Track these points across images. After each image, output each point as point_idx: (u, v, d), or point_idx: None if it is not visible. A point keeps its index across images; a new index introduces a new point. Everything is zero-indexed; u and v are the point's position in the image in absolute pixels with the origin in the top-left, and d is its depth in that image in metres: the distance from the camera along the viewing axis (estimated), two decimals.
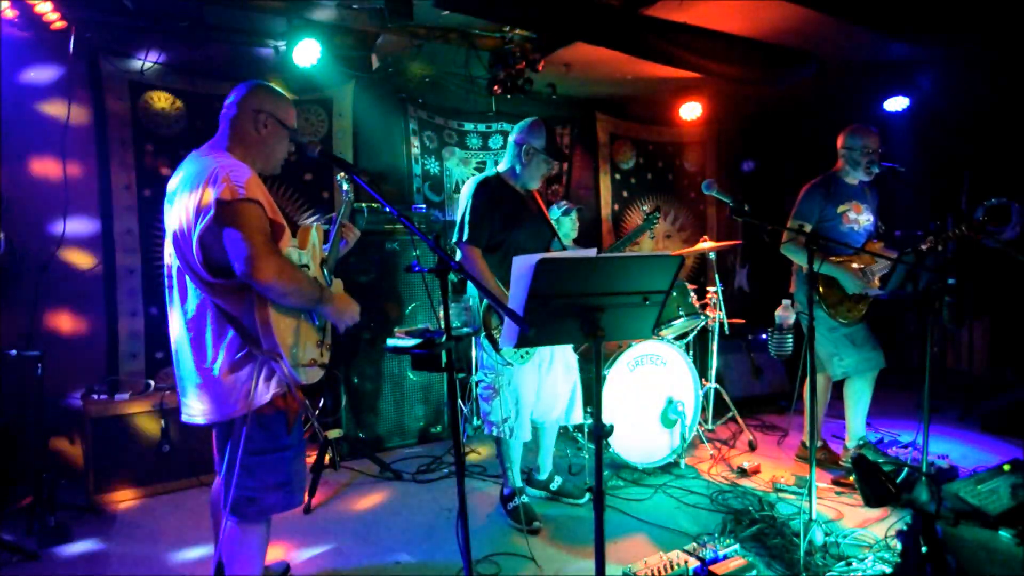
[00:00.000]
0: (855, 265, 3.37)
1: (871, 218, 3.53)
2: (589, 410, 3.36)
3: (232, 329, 1.89)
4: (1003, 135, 5.04)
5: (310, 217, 4.59)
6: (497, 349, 2.89)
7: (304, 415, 2.07)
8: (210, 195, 1.80)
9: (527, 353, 2.93)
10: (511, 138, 3.02)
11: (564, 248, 3.22)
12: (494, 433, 3.04)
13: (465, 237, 2.87)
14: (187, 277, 1.92)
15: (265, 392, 1.93)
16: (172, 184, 1.97)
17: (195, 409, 1.98)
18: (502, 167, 3.06)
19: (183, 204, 1.87)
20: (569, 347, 3.16)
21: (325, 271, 2.23)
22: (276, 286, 1.80)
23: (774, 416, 4.80)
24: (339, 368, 4.00)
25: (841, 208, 3.46)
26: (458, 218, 2.96)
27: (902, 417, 4.61)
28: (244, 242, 1.77)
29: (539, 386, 3.04)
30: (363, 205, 4.10)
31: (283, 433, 2.00)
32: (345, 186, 2.48)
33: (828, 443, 3.86)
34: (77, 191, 3.82)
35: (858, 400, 3.54)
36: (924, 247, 3.28)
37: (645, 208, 6.26)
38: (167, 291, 2.01)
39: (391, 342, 2.07)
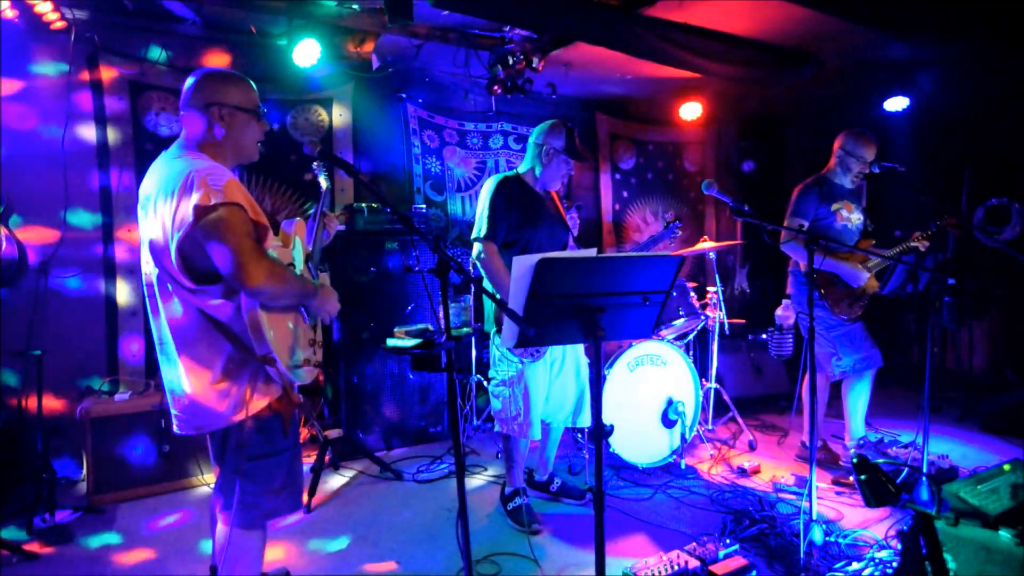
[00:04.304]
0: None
1: (861, 217, 3.57)
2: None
3: (222, 336, 1.83)
4: (1003, 135, 5.04)
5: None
6: None
7: (304, 416, 2.06)
8: (187, 202, 1.71)
9: (538, 351, 2.94)
10: (531, 140, 3.09)
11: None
12: (503, 430, 3.05)
13: (483, 233, 2.92)
14: (169, 285, 1.85)
15: (260, 397, 1.88)
16: (144, 189, 1.87)
17: (189, 421, 1.90)
18: (522, 168, 3.12)
19: (159, 212, 1.79)
20: (580, 348, 3.16)
21: (311, 266, 2.21)
22: (267, 289, 1.74)
23: (774, 416, 4.80)
24: (337, 368, 4.00)
25: (835, 207, 3.48)
26: (477, 214, 3.01)
27: (902, 417, 4.61)
28: (230, 248, 1.68)
29: (549, 386, 3.05)
30: (363, 205, 4.10)
31: (280, 436, 1.96)
32: (322, 176, 2.48)
33: (828, 443, 3.86)
34: (77, 191, 3.82)
35: (857, 400, 3.55)
36: (914, 244, 3.33)
37: (651, 211, 6.27)
38: (147, 300, 1.92)
39: (391, 342, 2.08)
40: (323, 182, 2.51)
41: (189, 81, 1.96)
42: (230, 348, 1.84)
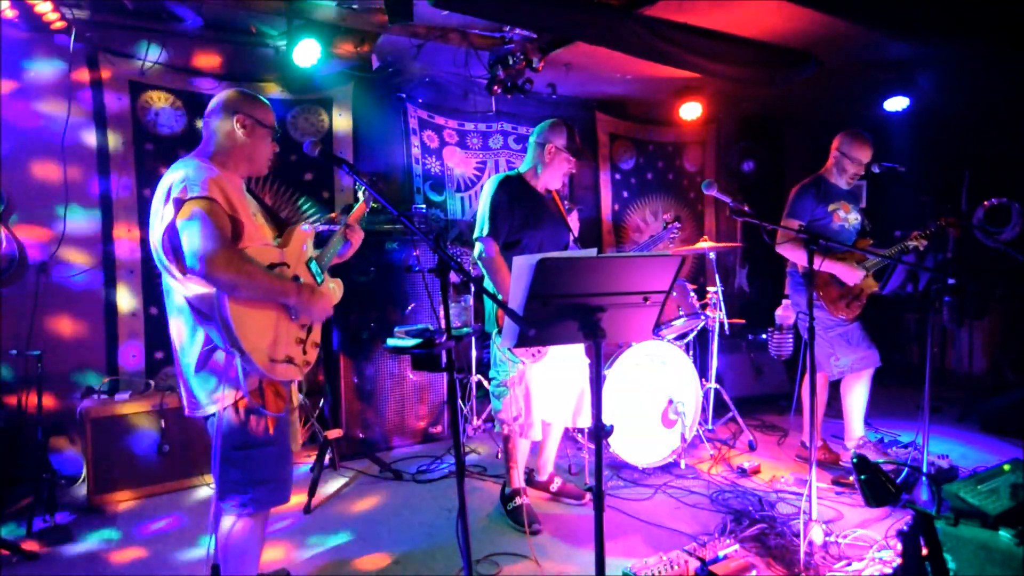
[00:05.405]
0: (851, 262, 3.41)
1: (859, 217, 3.58)
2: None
3: (201, 326, 1.95)
4: (1003, 135, 5.04)
5: (311, 217, 4.59)
6: None
7: (305, 415, 2.08)
8: (171, 197, 1.88)
9: (539, 351, 2.94)
10: (532, 140, 3.09)
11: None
12: (504, 431, 3.05)
13: (484, 232, 2.93)
14: (166, 278, 2.00)
15: (237, 388, 1.95)
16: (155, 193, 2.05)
17: (189, 403, 2.04)
18: (523, 168, 3.12)
19: (154, 209, 1.97)
20: (581, 349, 3.16)
21: (314, 269, 2.23)
22: (223, 278, 1.83)
23: (774, 416, 4.80)
24: (337, 368, 4.00)
25: (831, 207, 3.49)
26: (478, 214, 3.02)
27: (902, 417, 4.60)
28: (191, 237, 1.82)
29: (550, 386, 3.05)
30: None
31: (263, 429, 2.02)
32: (361, 191, 2.51)
33: (828, 443, 3.86)
34: (77, 191, 3.82)
35: (856, 400, 3.55)
36: (911, 244, 3.34)
37: (651, 211, 6.27)
38: (162, 293, 2.08)
39: (391, 342, 2.08)
40: (360, 195, 2.54)
41: (220, 95, 2.12)
42: (207, 338, 1.95)
